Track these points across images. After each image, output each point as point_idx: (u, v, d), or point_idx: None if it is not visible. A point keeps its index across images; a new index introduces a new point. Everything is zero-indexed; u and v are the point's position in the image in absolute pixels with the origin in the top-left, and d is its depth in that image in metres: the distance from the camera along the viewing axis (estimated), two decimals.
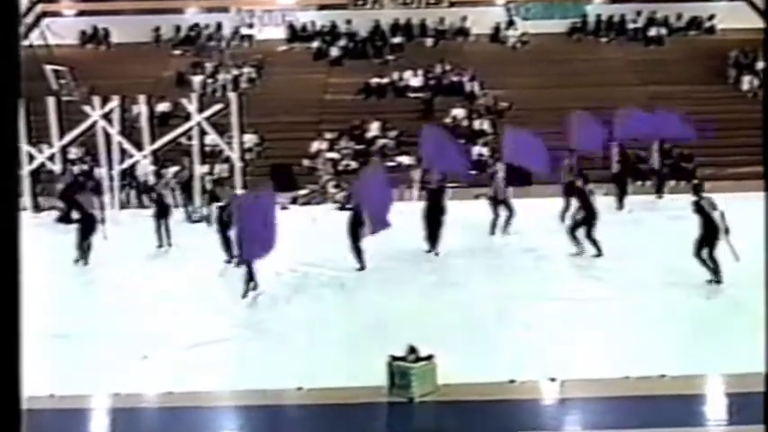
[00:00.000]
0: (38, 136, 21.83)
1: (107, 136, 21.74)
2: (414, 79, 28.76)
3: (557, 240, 15.96)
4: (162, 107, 25.08)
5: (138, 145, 21.89)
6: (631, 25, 31.54)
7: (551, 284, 14.01)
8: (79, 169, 23.20)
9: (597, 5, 31.99)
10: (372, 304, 13.28)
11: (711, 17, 31.23)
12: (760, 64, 28.01)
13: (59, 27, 30.92)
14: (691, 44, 30.56)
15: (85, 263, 15.95)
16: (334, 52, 30.74)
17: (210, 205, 18.67)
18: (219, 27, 31.85)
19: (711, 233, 13.30)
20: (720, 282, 13.31)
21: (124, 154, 21.89)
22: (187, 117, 22.11)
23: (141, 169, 22.15)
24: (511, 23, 31.57)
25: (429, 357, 9.54)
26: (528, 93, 27.43)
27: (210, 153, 23.05)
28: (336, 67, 30.35)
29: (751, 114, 22.69)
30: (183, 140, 22.38)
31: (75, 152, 23.46)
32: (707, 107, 25.92)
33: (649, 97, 26.14)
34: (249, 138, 24.15)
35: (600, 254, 15.24)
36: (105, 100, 21.79)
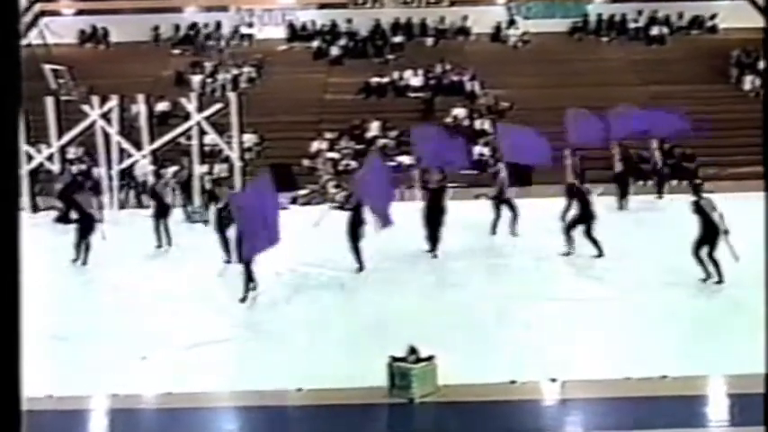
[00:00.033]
0: (36, 136, 21.71)
1: (106, 135, 21.69)
2: (414, 79, 28.70)
3: (557, 240, 15.88)
4: (161, 107, 25.02)
5: (138, 144, 21.84)
6: (633, 24, 31.47)
7: (552, 285, 13.97)
8: (78, 169, 23.12)
9: (598, 5, 31.90)
10: (372, 304, 13.23)
11: (713, 16, 31.15)
12: (762, 63, 27.91)
13: (58, 26, 30.89)
14: (692, 43, 30.46)
15: (84, 263, 15.90)
16: (334, 51, 30.68)
17: (209, 205, 18.60)
18: (219, 26, 31.81)
19: (711, 233, 13.31)
20: (722, 281, 13.28)
21: (123, 154, 21.84)
22: (186, 117, 22.06)
23: (140, 169, 22.10)
24: (512, 23, 31.52)
25: (429, 358, 9.48)
26: (529, 92, 27.37)
27: (210, 153, 23.00)
28: (336, 67, 30.30)
29: (753, 114, 22.58)
30: (183, 140, 22.33)
31: (73, 152, 23.39)
32: (709, 107, 25.87)
33: (651, 97, 26.04)
34: (249, 137, 24.10)
35: (601, 254, 15.20)
36: (104, 99, 21.74)
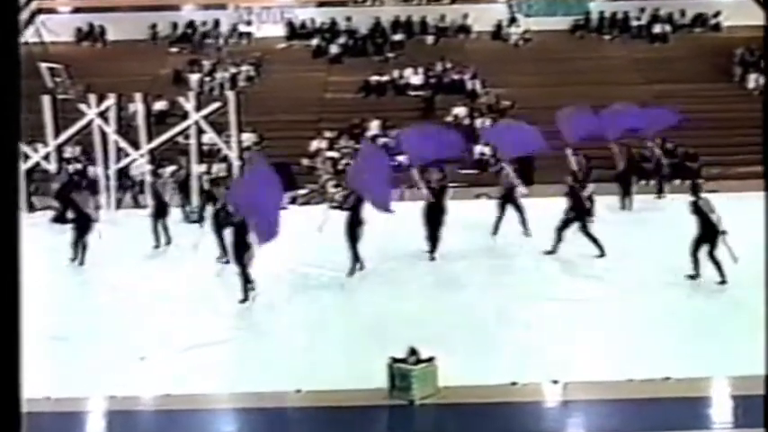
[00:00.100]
0: (33, 135, 21.54)
1: (103, 135, 21.55)
2: (414, 77, 28.59)
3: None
4: (159, 105, 24.90)
5: (135, 144, 21.69)
6: (635, 22, 31.36)
7: (552, 285, 13.91)
8: (75, 168, 23.01)
9: (600, 2, 31.79)
10: (372, 305, 13.16)
11: (717, 14, 31.03)
12: None
13: (55, 24, 30.81)
14: (696, 41, 30.31)
15: (81, 263, 15.81)
16: (333, 50, 30.59)
17: (207, 205, 18.50)
18: (217, 24, 31.72)
19: (710, 233, 13.30)
20: (725, 282, 13.22)
21: (120, 153, 21.73)
22: (184, 116, 21.94)
23: (138, 168, 21.99)
24: (513, 21, 31.43)
25: (430, 359, 9.41)
26: (530, 91, 27.23)
27: (208, 152, 22.87)
28: (336, 65, 30.21)
29: (756, 113, 22.44)
30: (181, 139, 22.17)
31: (70, 151, 23.26)
32: (712, 105, 25.79)
33: (654, 96, 25.88)
34: (247, 137, 23.98)
35: (603, 254, 15.13)
36: (101, 98, 21.59)
